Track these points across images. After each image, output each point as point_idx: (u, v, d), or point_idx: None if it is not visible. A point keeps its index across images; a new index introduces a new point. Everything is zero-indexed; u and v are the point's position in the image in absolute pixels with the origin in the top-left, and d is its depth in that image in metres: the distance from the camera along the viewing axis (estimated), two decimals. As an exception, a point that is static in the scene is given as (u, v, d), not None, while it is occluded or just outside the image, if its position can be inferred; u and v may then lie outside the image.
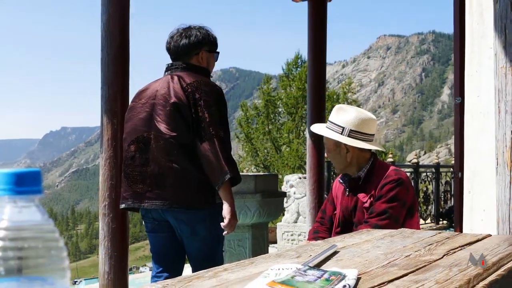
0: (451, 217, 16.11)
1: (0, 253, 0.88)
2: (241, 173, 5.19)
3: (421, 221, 15.52)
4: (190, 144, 4.94)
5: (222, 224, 5.01)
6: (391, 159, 18.04)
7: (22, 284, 0.88)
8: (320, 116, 12.78)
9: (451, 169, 16.88)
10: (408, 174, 14.02)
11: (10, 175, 0.91)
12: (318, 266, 2.03)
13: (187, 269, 5.60)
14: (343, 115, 4.87)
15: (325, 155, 9.16)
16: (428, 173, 17.47)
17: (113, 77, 7.83)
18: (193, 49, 5.27)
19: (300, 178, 14.37)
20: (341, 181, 5.06)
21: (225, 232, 5.08)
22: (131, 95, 5.84)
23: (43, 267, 0.90)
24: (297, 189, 14.12)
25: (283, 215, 14.15)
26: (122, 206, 5.32)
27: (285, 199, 13.56)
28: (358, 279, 1.81)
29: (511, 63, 3.01)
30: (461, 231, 5.09)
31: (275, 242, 14.20)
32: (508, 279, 2.04)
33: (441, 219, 17.06)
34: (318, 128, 5.07)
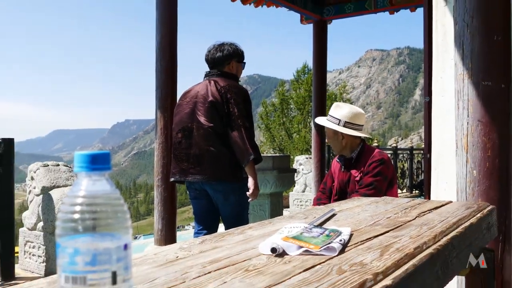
0: (422, 188, 16.04)
1: (79, 215, 0.88)
2: (262, 155, 5.19)
3: (399, 191, 15.44)
4: (223, 133, 4.95)
5: (247, 193, 5.03)
6: (376, 144, 18.00)
7: (95, 239, 0.88)
8: (322, 111, 12.79)
9: (422, 152, 16.80)
10: (389, 155, 14.01)
11: (86, 156, 0.92)
12: (320, 225, 2.02)
13: (221, 227, 5.60)
14: (339, 110, 4.87)
15: (326, 140, 9.15)
16: (404, 154, 17.40)
17: (164, 82, 7.89)
18: (225, 60, 5.27)
19: (307, 158, 14.33)
20: (338, 160, 5.06)
21: (250, 199, 5.09)
22: (178, 95, 5.85)
23: (111, 226, 0.90)
24: (304, 166, 14.08)
25: (294, 186, 14.11)
26: (172, 179, 5.33)
27: (295, 174, 13.54)
28: (351, 235, 1.80)
29: (467, 71, 2.99)
30: (429, 198, 5.06)
31: (288, 207, 14.16)
32: (464, 235, 2.03)
33: (414, 189, 16.98)
34: (320, 120, 5.06)
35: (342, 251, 1.56)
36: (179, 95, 5.67)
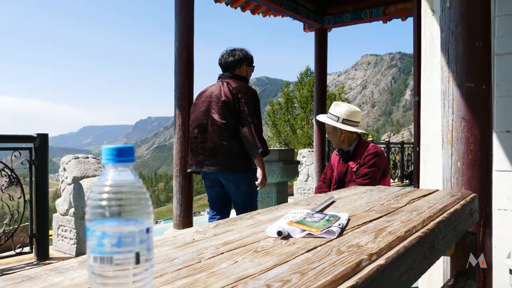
0: (411, 177, 16.03)
1: (106, 202, 0.88)
2: (269, 148, 5.20)
3: (391, 181, 15.43)
4: (235, 128, 4.96)
5: (256, 182, 5.04)
6: (370, 139, 18.02)
7: (121, 223, 0.88)
8: (323, 109, 12.80)
9: (412, 145, 16.78)
10: (383, 148, 13.99)
11: (113, 149, 0.92)
12: (321, 211, 2.02)
13: (233, 213, 5.61)
14: (338, 109, 4.88)
15: (326, 135, 9.15)
16: (396, 148, 17.39)
17: (182, 83, 7.89)
18: (236, 64, 5.29)
19: (309, 151, 14.32)
20: (337, 153, 5.07)
21: (258, 188, 5.10)
22: (195, 94, 5.86)
23: (135, 211, 0.90)
24: (307, 158, 14.07)
25: (298, 176, 14.10)
26: (189, 170, 5.35)
27: (299, 166, 13.55)
28: (348, 220, 1.80)
29: (452, 73, 2.98)
30: (418, 187, 5.05)
31: (292, 195, 14.16)
32: (449, 220, 2.03)
33: (404, 179, 16.96)
34: (321, 118, 5.06)
35: (340, 234, 1.56)
36: (195, 95, 5.68)
